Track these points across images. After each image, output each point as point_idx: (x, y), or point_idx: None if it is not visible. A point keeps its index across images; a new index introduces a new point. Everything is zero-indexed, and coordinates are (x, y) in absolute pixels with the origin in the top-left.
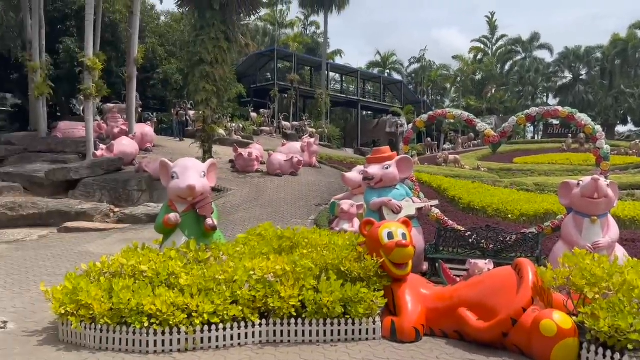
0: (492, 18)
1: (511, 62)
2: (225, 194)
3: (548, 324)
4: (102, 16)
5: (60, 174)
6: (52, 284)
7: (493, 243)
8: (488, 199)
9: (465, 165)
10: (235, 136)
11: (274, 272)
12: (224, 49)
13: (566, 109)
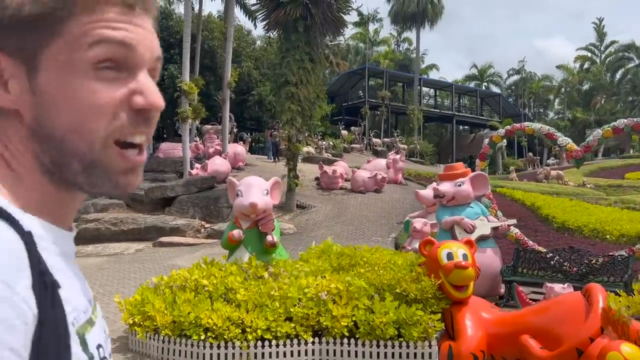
0: (600, 24)
1: (623, 70)
2: (308, 211)
3: (615, 357)
4: (202, 43)
5: (157, 191)
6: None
7: (577, 266)
8: (585, 218)
9: (569, 181)
10: (326, 154)
11: (328, 290)
12: (308, 69)
13: None
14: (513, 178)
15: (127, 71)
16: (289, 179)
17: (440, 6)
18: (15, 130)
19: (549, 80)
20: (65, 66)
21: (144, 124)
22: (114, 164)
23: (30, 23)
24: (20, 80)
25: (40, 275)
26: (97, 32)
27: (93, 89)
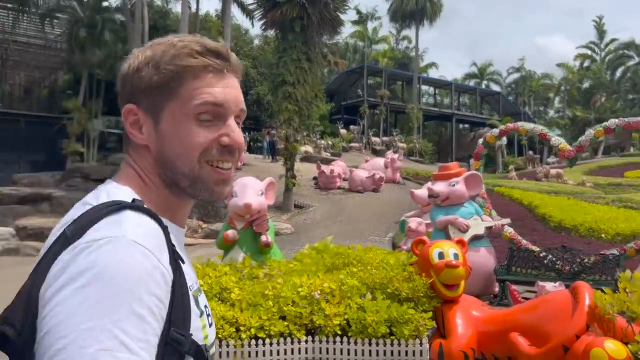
0: (600, 22)
1: (623, 68)
2: (306, 211)
3: (599, 353)
4: None
5: None
6: None
7: (569, 265)
8: (581, 217)
9: (568, 180)
10: (324, 153)
11: (321, 290)
12: (305, 69)
13: None
14: (512, 177)
15: (219, 119)
16: (286, 179)
17: (439, 4)
18: (146, 158)
19: (549, 79)
20: (178, 117)
21: (229, 155)
22: (209, 178)
23: (156, 89)
24: (149, 126)
25: (173, 253)
26: (199, 96)
27: (195, 132)
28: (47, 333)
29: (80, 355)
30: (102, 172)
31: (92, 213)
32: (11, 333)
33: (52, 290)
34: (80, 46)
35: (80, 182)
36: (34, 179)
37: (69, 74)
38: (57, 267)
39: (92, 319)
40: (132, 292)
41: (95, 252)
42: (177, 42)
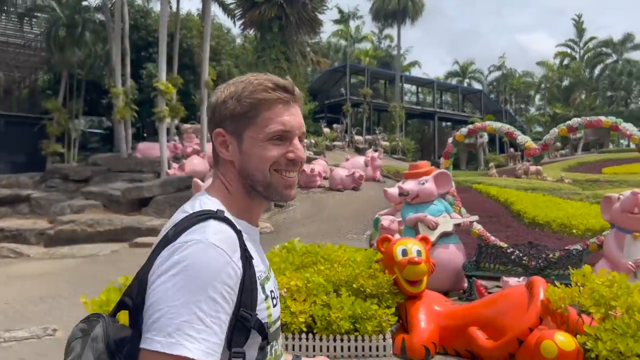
0: (579, 20)
1: (602, 66)
2: (286, 210)
3: (549, 345)
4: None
5: (134, 192)
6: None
7: (535, 260)
8: (554, 213)
9: (547, 176)
10: (307, 152)
11: (288, 288)
12: (284, 69)
13: (610, 119)
14: (493, 174)
15: (286, 139)
16: None
17: (420, 3)
18: (231, 170)
19: (530, 77)
20: (255, 140)
21: (293, 166)
22: (279, 184)
23: (239, 117)
24: (234, 146)
25: (244, 252)
26: (271, 125)
27: (268, 149)
28: (150, 305)
29: (169, 324)
30: (81, 173)
31: (187, 220)
32: (129, 302)
33: (155, 276)
34: (60, 46)
35: (60, 182)
36: (13, 180)
37: (49, 74)
38: (159, 259)
39: (180, 298)
40: (209, 281)
41: (185, 251)
42: (253, 80)
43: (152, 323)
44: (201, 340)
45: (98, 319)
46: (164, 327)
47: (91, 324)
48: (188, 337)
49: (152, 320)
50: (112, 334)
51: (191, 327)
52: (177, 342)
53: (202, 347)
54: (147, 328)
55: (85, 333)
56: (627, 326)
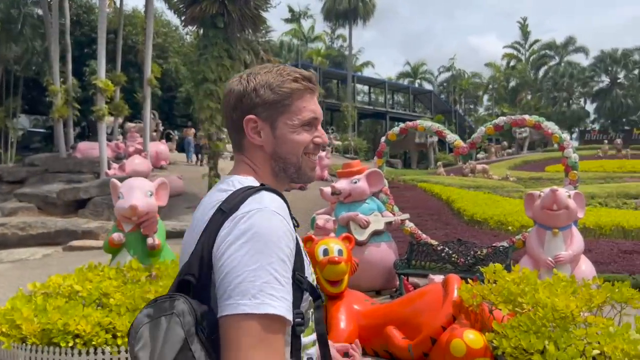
0: (524, 23)
1: (546, 68)
2: None
3: (457, 344)
4: (125, 39)
5: (70, 193)
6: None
7: (464, 257)
8: (492, 211)
9: (493, 175)
10: None
11: None
12: (227, 66)
13: (533, 117)
14: (440, 173)
15: (313, 126)
16: (209, 178)
17: (371, 4)
18: (260, 155)
19: (479, 77)
20: (290, 126)
21: (318, 150)
22: (308, 166)
23: (273, 105)
24: (266, 132)
25: (292, 219)
26: (305, 112)
27: (300, 135)
28: (227, 274)
29: (252, 287)
30: (16, 174)
31: (239, 194)
32: (192, 280)
33: (224, 247)
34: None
35: None
36: None
37: None
38: (223, 231)
39: (256, 262)
40: (277, 245)
41: (250, 219)
42: (282, 71)
43: (232, 289)
44: (281, 298)
45: (172, 298)
46: (247, 290)
47: (160, 306)
48: (271, 297)
49: (233, 287)
50: (197, 307)
51: (271, 287)
52: (262, 302)
53: (284, 305)
54: (228, 295)
55: (153, 317)
56: (531, 322)
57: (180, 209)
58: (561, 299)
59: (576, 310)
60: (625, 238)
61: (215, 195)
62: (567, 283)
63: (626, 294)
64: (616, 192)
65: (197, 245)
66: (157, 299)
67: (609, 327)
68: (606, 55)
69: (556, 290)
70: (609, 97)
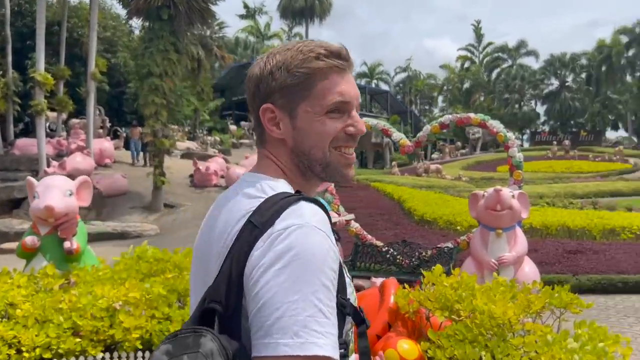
0: (478, 26)
1: (498, 70)
2: (176, 210)
3: (391, 354)
4: (70, 31)
5: (3, 192)
6: None
7: (409, 259)
8: (441, 210)
9: (446, 174)
10: (212, 150)
11: (125, 300)
12: (173, 61)
13: (479, 116)
14: (395, 172)
15: (344, 112)
16: (154, 177)
17: (328, 2)
18: (282, 150)
19: (434, 79)
20: (312, 114)
21: (352, 142)
22: (339, 162)
23: (291, 89)
24: (285, 123)
25: (333, 232)
26: (330, 96)
27: (326, 125)
28: (263, 305)
29: (294, 322)
30: None
31: (273, 204)
32: (219, 309)
33: (259, 272)
34: None
35: None
36: None
37: None
38: (257, 252)
39: (297, 292)
40: (321, 268)
41: (289, 238)
42: (303, 48)
43: (271, 325)
44: (327, 334)
45: (196, 333)
46: (289, 327)
47: (183, 342)
48: (315, 333)
49: (271, 322)
50: (228, 346)
51: (316, 321)
52: (306, 340)
53: (330, 342)
54: (265, 332)
55: (173, 355)
56: (468, 330)
57: (124, 208)
58: (499, 306)
59: (514, 317)
60: (570, 238)
61: (242, 201)
62: (506, 288)
63: (565, 299)
64: (564, 192)
65: (224, 266)
66: (177, 333)
67: (546, 335)
68: (555, 59)
69: (494, 296)
70: (558, 100)
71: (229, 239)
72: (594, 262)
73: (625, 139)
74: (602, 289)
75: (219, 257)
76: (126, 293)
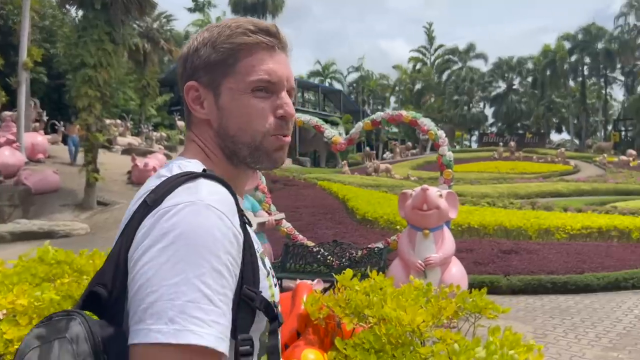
0: (430, 28)
1: (449, 72)
2: (111, 208)
3: None
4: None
5: None
6: None
7: (339, 259)
8: (383, 210)
9: (395, 174)
10: (157, 146)
11: (13, 308)
12: (108, 51)
13: (410, 114)
14: (345, 171)
15: (272, 92)
16: (87, 173)
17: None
18: (208, 132)
19: (386, 79)
20: (236, 91)
21: (285, 126)
22: (271, 146)
23: (215, 66)
24: (209, 102)
25: (241, 217)
26: (254, 72)
27: (252, 104)
28: (139, 288)
29: (171, 307)
30: None
31: (169, 182)
32: (103, 292)
33: (140, 251)
34: None
35: None
36: None
37: None
38: (141, 231)
39: (178, 274)
40: (211, 250)
41: (176, 216)
42: (231, 24)
43: (144, 310)
44: (211, 322)
45: (69, 316)
46: (164, 312)
47: (55, 325)
48: (195, 320)
49: (145, 306)
50: (97, 331)
51: (197, 307)
52: (183, 327)
53: (213, 332)
54: (139, 317)
55: (45, 340)
56: (375, 339)
57: (54, 206)
58: (409, 312)
59: (423, 325)
60: (507, 237)
61: (150, 182)
62: (420, 292)
63: (480, 304)
64: (507, 192)
65: (115, 247)
66: (52, 316)
67: (454, 343)
68: (503, 62)
69: (405, 301)
70: (505, 102)
71: (126, 220)
72: (527, 262)
73: (567, 141)
74: (532, 289)
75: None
76: (13, 300)
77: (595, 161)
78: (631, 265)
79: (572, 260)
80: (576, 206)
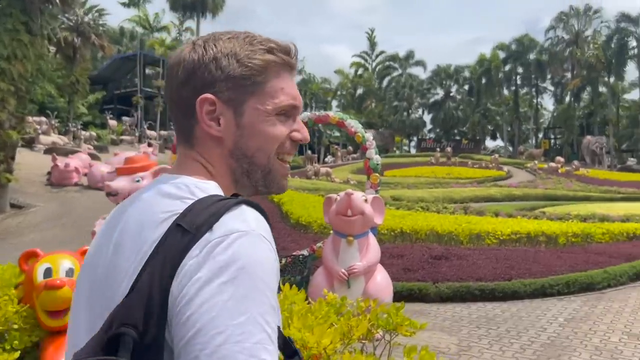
0: (372, 34)
1: (389, 78)
2: (25, 211)
3: None
4: None
5: None
6: None
7: None
8: (317, 214)
9: (335, 178)
10: (85, 145)
11: None
12: (24, 42)
13: (337, 115)
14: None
15: (291, 117)
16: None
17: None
18: (215, 150)
19: (328, 83)
20: (262, 113)
21: (294, 150)
22: (280, 171)
23: (240, 81)
24: (227, 119)
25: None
26: (283, 96)
27: (276, 126)
28: (200, 330)
29: (240, 350)
30: None
31: (206, 206)
32: (133, 334)
33: (195, 287)
34: None
35: None
36: None
37: None
38: (193, 261)
39: (244, 313)
40: (268, 285)
41: (232, 247)
42: (250, 39)
43: (210, 355)
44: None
45: None
46: (233, 357)
47: None
48: None
49: (210, 351)
50: None
51: (264, 348)
52: None
53: None
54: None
55: None
56: None
57: None
58: (315, 332)
59: (330, 347)
60: (439, 242)
61: (160, 202)
62: (333, 307)
63: (395, 320)
64: (442, 197)
65: (142, 281)
66: None
67: None
68: (441, 69)
69: (314, 320)
70: (443, 109)
71: (147, 247)
72: (456, 268)
73: (501, 148)
74: (460, 297)
75: (132, 271)
76: None
77: (526, 167)
78: (557, 271)
79: (500, 267)
80: (507, 211)
